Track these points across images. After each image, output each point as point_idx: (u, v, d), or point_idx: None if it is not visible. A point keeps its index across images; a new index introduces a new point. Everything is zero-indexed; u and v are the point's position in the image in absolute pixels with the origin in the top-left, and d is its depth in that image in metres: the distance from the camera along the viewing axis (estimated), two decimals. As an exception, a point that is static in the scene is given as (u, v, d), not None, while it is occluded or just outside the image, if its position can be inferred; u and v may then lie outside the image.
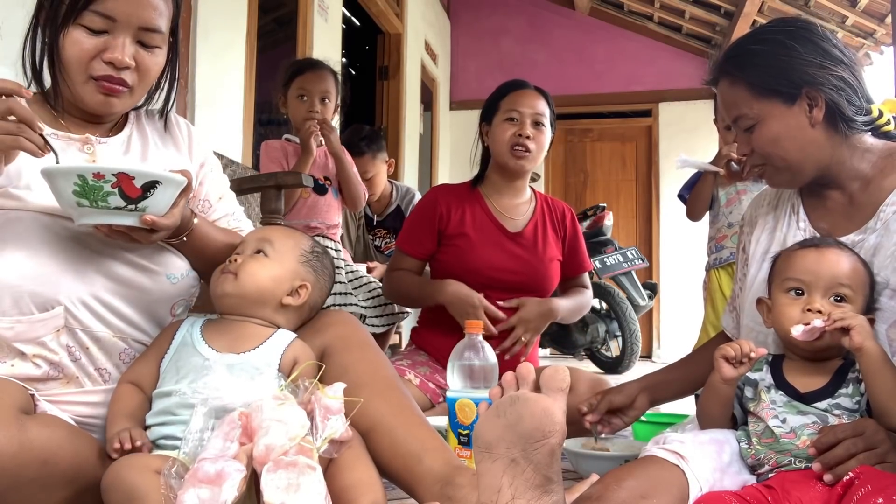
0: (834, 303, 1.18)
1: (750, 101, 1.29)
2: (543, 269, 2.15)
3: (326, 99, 2.51)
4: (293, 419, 0.99)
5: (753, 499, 1.07)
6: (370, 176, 3.13)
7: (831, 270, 1.19)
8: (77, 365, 1.15)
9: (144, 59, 1.19)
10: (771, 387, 1.19)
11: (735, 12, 5.68)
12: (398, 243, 2.23)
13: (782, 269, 1.25)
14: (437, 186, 2.30)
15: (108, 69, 1.16)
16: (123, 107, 1.23)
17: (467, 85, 6.87)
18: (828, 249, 1.22)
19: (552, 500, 0.93)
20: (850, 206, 1.32)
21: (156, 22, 1.19)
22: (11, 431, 0.96)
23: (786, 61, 1.27)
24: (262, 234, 1.29)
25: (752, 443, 1.17)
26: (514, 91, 2.14)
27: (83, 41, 1.15)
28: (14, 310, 1.11)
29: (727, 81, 1.34)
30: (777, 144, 1.28)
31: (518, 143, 2.08)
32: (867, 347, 1.09)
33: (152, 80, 1.24)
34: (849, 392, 1.15)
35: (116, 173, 1.03)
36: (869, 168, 1.30)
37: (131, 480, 0.93)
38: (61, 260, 1.13)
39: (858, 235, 1.28)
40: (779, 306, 1.22)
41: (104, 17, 1.14)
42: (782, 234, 1.39)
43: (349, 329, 1.28)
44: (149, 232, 1.11)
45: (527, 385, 0.99)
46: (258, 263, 1.22)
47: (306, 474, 0.94)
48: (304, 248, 1.29)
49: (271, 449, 0.94)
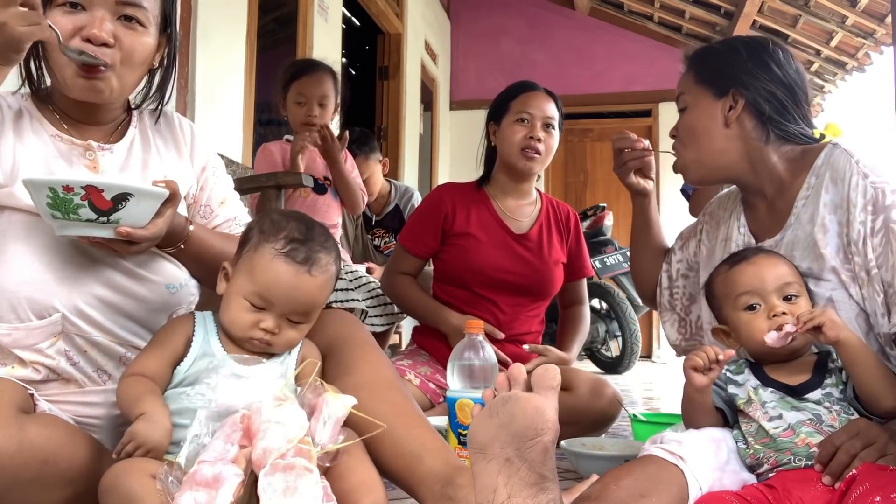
0: (789, 303, 1.21)
1: (690, 86, 1.44)
2: (547, 272, 2.15)
3: (325, 102, 2.50)
4: (292, 420, 0.98)
5: (754, 498, 1.07)
6: (365, 177, 3.12)
7: (773, 274, 1.23)
8: (76, 368, 1.15)
9: (127, 37, 1.14)
10: (758, 386, 1.20)
11: (735, 12, 5.67)
12: (400, 239, 2.22)
13: (728, 291, 1.27)
14: (443, 185, 2.30)
15: (86, 47, 1.11)
16: (110, 91, 1.17)
17: (467, 85, 6.87)
18: (756, 258, 1.26)
19: (548, 498, 0.93)
20: (772, 211, 1.39)
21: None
22: (11, 431, 0.96)
23: (728, 62, 1.40)
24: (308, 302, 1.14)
25: (749, 443, 1.17)
26: (525, 92, 2.14)
27: (59, 20, 1.11)
28: (11, 315, 1.11)
29: (685, 66, 1.48)
30: (693, 130, 1.42)
31: (528, 145, 2.08)
32: (844, 338, 1.11)
33: (139, 62, 1.19)
34: (833, 382, 1.17)
35: (85, 186, 1.02)
36: (785, 173, 1.37)
37: (129, 485, 0.93)
38: (59, 267, 1.13)
39: (780, 234, 1.35)
40: (742, 325, 1.24)
41: None
42: (724, 240, 1.47)
43: (350, 329, 1.27)
44: (127, 243, 1.09)
45: (518, 385, 1.00)
46: (297, 333, 1.16)
47: (304, 477, 0.93)
48: (334, 282, 1.21)
49: (269, 452, 0.94)
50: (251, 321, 1.11)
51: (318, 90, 2.50)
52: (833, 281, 1.26)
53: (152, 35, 1.20)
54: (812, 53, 5.89)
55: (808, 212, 1.31)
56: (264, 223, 1.15)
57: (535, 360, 2.03)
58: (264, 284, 1.10)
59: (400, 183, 3.49)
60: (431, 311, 2.11)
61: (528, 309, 2.17)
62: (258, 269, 1.11)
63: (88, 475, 1.03)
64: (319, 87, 2.50)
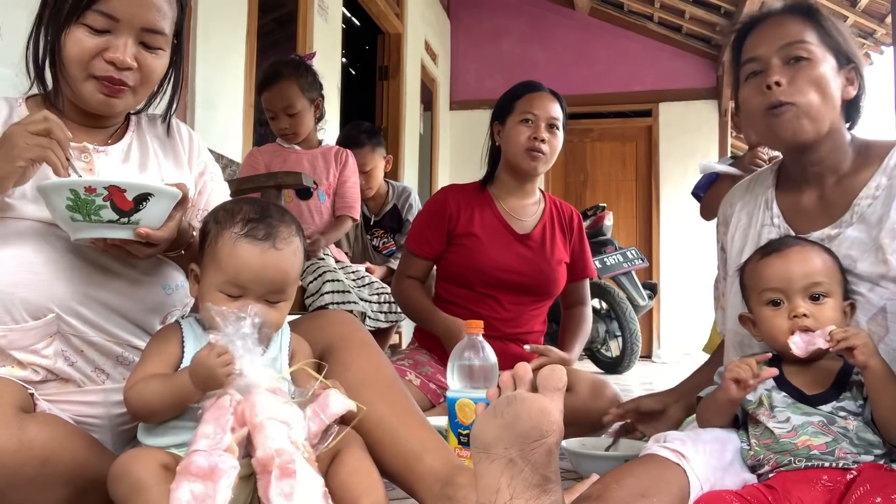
0: (815, 302, 1.19)
1: (815, 43, 1.30)
2: (550, 272, 2.16)
3: (292, 112, 2.48)
4: (295, 421, 0.98)
5: (754, 498, 1.07)
6: (368, 168, 3.12)
7: (802, 271, 1.19)
8: (74, 368, 1.15)
9: (147, 60, 1.19)
10: (773, 389, 1.19)
11: (735, 12, 5.67)
12: (407, 243, 2.22)
13: (754, 284, 1.25)
14: (447, 186, 2.30)
15: (110, 69, 1.15)
16: (125, 106, 1.22)
17: (467, 85, 6.87)
18: (789, 251, 1.22)
19: (550, 500, 0.93)
20: (823, 201, 1.34)
21: (159, 23, 1.18)
22: (11, 430, 0.96)
23: (847, 39, 1.33)
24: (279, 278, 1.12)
25: (752, 444, 1.17)
26: (530, 93, 2.14)
27: (85, 40, 1.14)
28: (7, 317, 1.11)
29: (800, 16, 1.33)
30: (818, 86, 1.28)
31: (533, 146, 2.08)
32: (872, 366, 1.09)
33: (155, 81, 1.24)
34: (852, 395, 1.15)
35: (108, 186, 1.02)
36: (845, 163, 1.33)
37: (137, 473, 0.93)
38: (54, 268, 1.13)
39: (834, 229, 1.29)
40: (764, 321, 1.23)
41: (107, 16, 1.14)
42: (756, 231, 1.41)
43: (350, 329, 1.28)
44: (145, 245, 1.10)
45: (524, 385, 0.99)
46: (278, 313, 1.13)
47: (305, 477, 0.94)
48: (303, 254, 1.20)
49: (280, 454, 0.94)
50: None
51: (280, 103, 2.48)
52: (891, 290, 1.22)
53: (168, 55, 1.24)
54: (812, 53, 5.88)
55: (875, 213, 1.26)
56: (218, 214, 1.14)
57: (537, 360, 2.03)
58: (234, 271, 1.09)
59: (398, 183, 3.48)
60: (426, 314, 2.11)
61: (530, 308, 2.17)
62: (223, 257, 1.10)
63: (88, 474, 1.03)
64: (281, 99, 2.47)
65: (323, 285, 2.27)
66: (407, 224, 3.20)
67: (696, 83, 6.64)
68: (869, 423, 1.13)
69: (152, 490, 0.92)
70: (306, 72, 2.54)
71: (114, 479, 0.96)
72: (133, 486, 0.93)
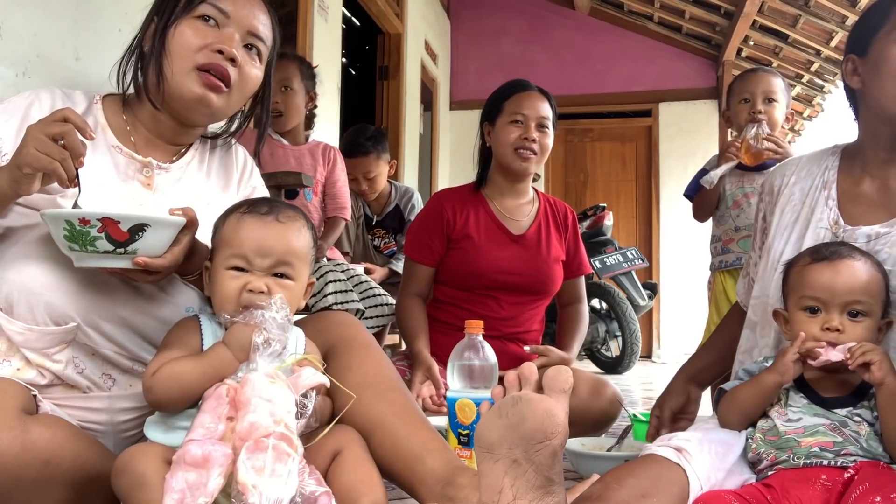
0: (852, 318, 1.18)
1: None
2: (547, 270, 2.15)
3: (287, 87, 2.50)
4: (280, 400, 0.98)
5: (753, 498, 1.07)
6: (373, 175, 3.13)
7: (846, 286, 1.18)
8: (82, 375, 1.16)
9: (247, 63, 1.23)
10: (791, 388, 1.19)
11: (735, 12, 5.67)
12: (406, 252, 2.21)
13: (797, 286, 1.24)
14: (440, 192, 2.30)
15: (216, 57, 1.18)
16: (218, 109, 1.23)
17: (467, 85, 6.87)
18: (840, 262, 1.20)
19: (553, 501, 0.93)
20: (883, 196, 1.32)
21: (263, 31, 1.24)
22: (14, 432, 0.96)
23: None
24: (282, 247, 1.13)
25: (756, 438, 1.17)
26: (518, 93, 2.14)
27: (196, 28, 1.19)
28: (28, 316, 1.11)
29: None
30: None
31: (523, 146, 2.08)
32: (888, 383, 1.10)
33: (247, 93, 1.27)
34: (869, 405, 1.15)
35: (101, 218, 1.02)
36: None
37: (141, 468, 0.94)
38: (82, 278, 1.13)
39: (885, 228, 1.28)
40: (796, 323, 1.22)
41: (219, 10, 1.21)
42: (809, 209, 1.38)
43: (352, 330, 1.28)
44: (145, 273, 1.10)
45: (529, 385, 0.99)
46: (287, 292, 1.13)
47: (283, 461, 0.93)
48: (310, 241, 1.20)
49: (255, 428, 0.94)
50: (237, 287, 1.10)
51: (278, 74, 2.47)
52: None
53: (262, 71, 1.28)
54: (812, 53, 5.90)
55: None
56: (224, 212, 1.18)
57: (539, 360, 2.03)
58: (237, 243, 1.11)
59: (400, 184, 3.48)
60: (409, 336, 2.10)
61: (528, 308, 2.17)
62: (228, 235, 1.13)
63: (90, 475, 1.04)
64: (279, 72, 2.45)
65: (326, 286, 2.27)
66: (409, 225, 3.20)
67: (696, 83, 6.64)
68: (880, 436, 1.13)
69: (155, 485, 0.92)
70: (306, 64, 2.59)
71: (117, 473, 0.97)
72: (136, 480, 0.94)
